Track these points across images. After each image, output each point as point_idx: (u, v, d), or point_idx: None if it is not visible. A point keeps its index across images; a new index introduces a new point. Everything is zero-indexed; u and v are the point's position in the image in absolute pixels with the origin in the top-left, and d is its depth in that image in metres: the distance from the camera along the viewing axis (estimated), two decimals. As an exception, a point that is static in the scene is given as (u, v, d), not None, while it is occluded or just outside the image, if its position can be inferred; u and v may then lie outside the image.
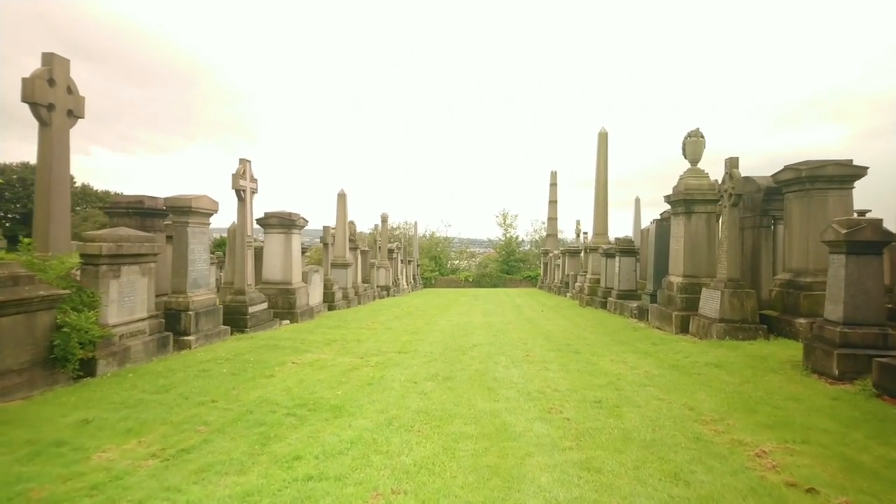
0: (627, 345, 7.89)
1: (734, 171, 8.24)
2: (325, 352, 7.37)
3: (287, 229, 11.55)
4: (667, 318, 9.42)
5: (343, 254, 16.33)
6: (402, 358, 6.82)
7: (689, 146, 9.68)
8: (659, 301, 10.24)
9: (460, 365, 6.30)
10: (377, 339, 8.71)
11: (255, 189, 10.37)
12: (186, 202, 8.08)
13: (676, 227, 9.84)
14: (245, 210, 10.01)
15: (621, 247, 13.44)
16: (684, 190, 9.42)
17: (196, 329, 7.99)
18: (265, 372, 5.92)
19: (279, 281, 11.51)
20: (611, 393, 4.88)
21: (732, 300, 7.99)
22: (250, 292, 10.02)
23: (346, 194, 16.47)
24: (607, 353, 7.19)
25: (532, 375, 5.67)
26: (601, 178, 16.28)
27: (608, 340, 8.42)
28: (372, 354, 7.12)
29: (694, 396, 4.74)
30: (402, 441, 3.51)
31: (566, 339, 8.67)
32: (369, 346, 7.82)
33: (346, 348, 7.68)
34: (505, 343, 8.18)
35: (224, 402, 4.66)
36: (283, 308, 11.30)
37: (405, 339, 8.57)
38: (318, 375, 5.74)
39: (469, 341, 8.36)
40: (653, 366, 6.20)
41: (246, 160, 10.08)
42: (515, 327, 10.49)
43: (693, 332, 8.64)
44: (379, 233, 24.13)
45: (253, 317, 9.74)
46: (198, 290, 8.33)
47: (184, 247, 8.16)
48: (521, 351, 7.38)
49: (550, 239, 32.98)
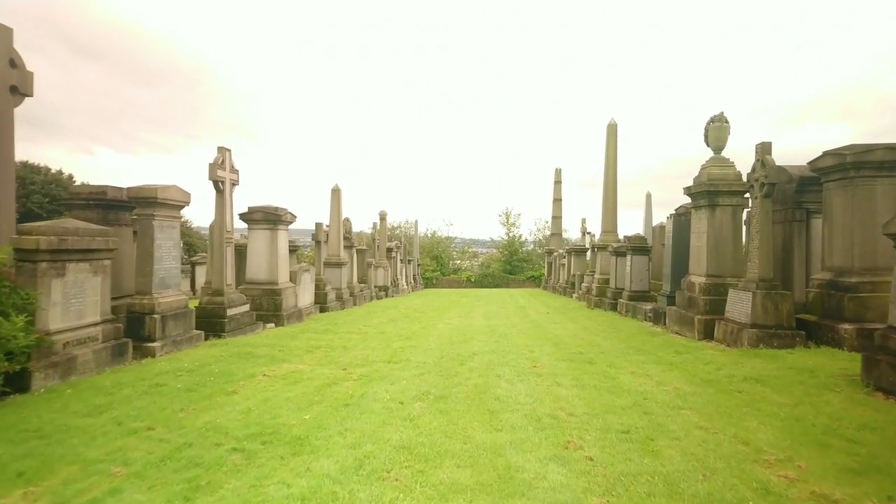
0: (647, 353, 6.98)
1: (767, 158, 7.32)
2: (304, 361, 6.49)
3: (273, 225, 10.67)
4: (688, 323, 8.51)
5: (337, 252, 15.45)
6: (390, 369, 5.93)
7: (713, 132, 8.76)
8: (678, 303, 9.32)
9: (457, 379, 5.40)
10: (366, 345, 7.83)
11: (236, 181, 9.50)
12: (151, 192, 7.21)
13: (698, 222, 8.92)
14: (224, 203, 9.14)
15: (633, 245, 12.53)
16: (707, 180, 8.50)
17: (162, 335, 7.12)
18: (227, 387, 5.04)
19: (264, 281, 10.64)
20: (639, 419, 3.98)
21: (766, 303, 7.07)
22: (229, 293, 9.16)
23: (340, 189, 15.60)
24: (626, 363, 6.28)
25: (541, 393, 4.77)
26: (610, 171, 15.34)
27: (624, 348, 7.52)
28: (357, 365, 6.23)
29: (743, 424, 3.84)
30: (371, 497, 2.62)
31: (577, 345, 7.77)
32: (355, 355, 6.93)
33: (330, 357, 6.80)
34: (508, 351, 7.28)
35: (163, 429, 3.78)
36: (267, 310, 10.43)
37: (397, 346, 7.68)
38: (288, 392, 4.86)
39: (468, 349, 7.47)
40: (682, 380, 5.29)
41: (225, 148, 9.21)
42: (520, 332, 9.60)
43: (719, 338, 7.73)
44: (377, 231, 23.26)
45: (232, 320, 8.87)
46: (165, 291, 7.47)
47: (149, 242, 7.29)
48: (526, 361, 6.48)
49: (554, 238, 32.05)
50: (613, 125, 15.42)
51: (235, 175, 9.48)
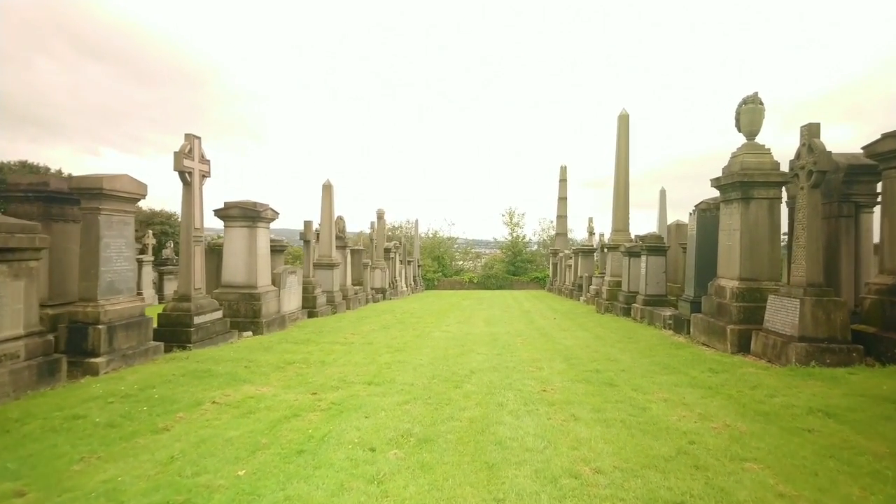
0: (676, 371, 5.91)
1: (815, 142, 6.24)
2: (270, 381, 5.45)
3: (251, 222, 9.65)
4: (718, 333, 7.43)
5: (329, 252, 14.43)
6: (369, 395, 4.89)
7: (745, 115, 7.68)
8: (704, 310, 8.24)
9: (449, 410, 4.35)
10: (349, 359, 6.79)
11: (207, 172, 8.48)
12: (96, 183, 6.20)
13: (728, 218, 7.84)
14: (192, 197, 8.12)
15: (649, 244, 11.44)
16: (740, 170, 7.42)
17: (109, 348, 6.11)
18: (160, 422, 4.01)
19: (241, 284, 9.62)
20: (691, 479, 2.92)
21: (816, 312, 5.99)
22: (198, 298, 8.13)
23: (332, 185, 14.57)
24: (654, 386, 5.22)
25: (555, 434, 3.72)
26: (622, 166, 14.26)
27: (647, 364, 6.45)
28: (331, 387, 5.19)
29: (839, 490, 2.78)
30: None
31: (591, 360, 6.70)
32: (333, 373, 5.89)
33: (302, 376, 5.76)
34: (513, 367, 6.23)
35: (39, 493, 2.75)
36: (245, 317, 9.41)
37: (384, 361, 6.64)
38: (232, 430, 3.82)
39: (466, 364, 6.42)
40: (731, 413, 4.22)
41: (193, 136, 8.19)
42: (525, 341, 8.54)
43: (757, 351, 6.65)
44: (375, 230, 22.23)
45: (200, 329, 7.85)
46: (115, 297, 6.45)
47: (94, 241, 6.28)
48: (534, 382, 5.42)
49: (560, 238, 30.94)
50: (625, 116, 14.34)
51: (206, 166, 8.46)
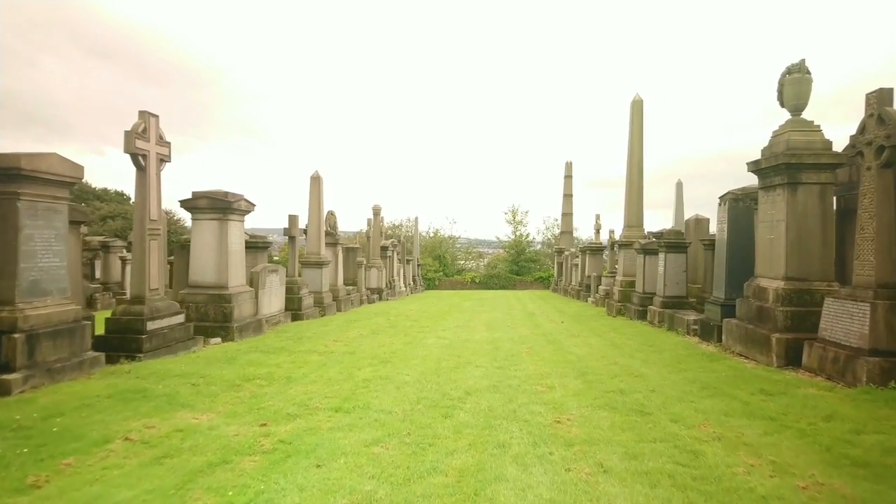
0: (720, 393, 4.79)
1: (887, 111, 5.11)
2: (214, 406, 4.36)
3: (222, 214, 8.56)
4: (758, 342, 6.31)
5: (317, 250, 13.34)
6: (332, 427, 3.79)
7: (790, 87, 6.55)
8: (739, 315, 7.11)
9: (431, 455, 3.25)
10: (322, 373, 5.69)
11: (166, 156, 7.40)
12: (13, 162, 5.12)
13: (770, 207, 6.70)
14: (148, 184, 7.04)
15: (668, 241, 10.31)
16: (786, 150, 6.29)
17: (29, 361, 5.03)
18: (34, 472, 2.93)
19: (210, 284, 8.54)
20: None
21: (890, 319, 4.87)
22: (154, 301, 7.06)
23: (321, 177, 13.49)
24: (697, 415, 4.11)
25: (577, 498, 2.61)
26: (635, 156, 13.13)
27: (680, 381, 5.33)
28: (287, 415, 4.10)
29: None
30: None
31: (612, 376, 5.59)
32: (296, 393, 4.80)
33: (257, 397, 4.67)
34: (517, 386, 5.12)
35: None
36: (215, 321, 8.33)
37: (363, 377, 5.54)
38: (127, 490, 2.74)
39: (461, 381, 5.32)
40: (815, 461, 3.11)
41: (149, 113, 7.11)
42: (531, 350, 7.43)
43: (812, 366, 5.53)
44: (371, 228, 21.14)
45: (154, 336, 6.77)
46: (40, 300, 5.38)
47: (11, 231, 5.20)
48: (544, 408, 4.32)
49: (565, 236, 29.79)
50: (638, 101, 13.20)
51: (165, 148, 7.38)
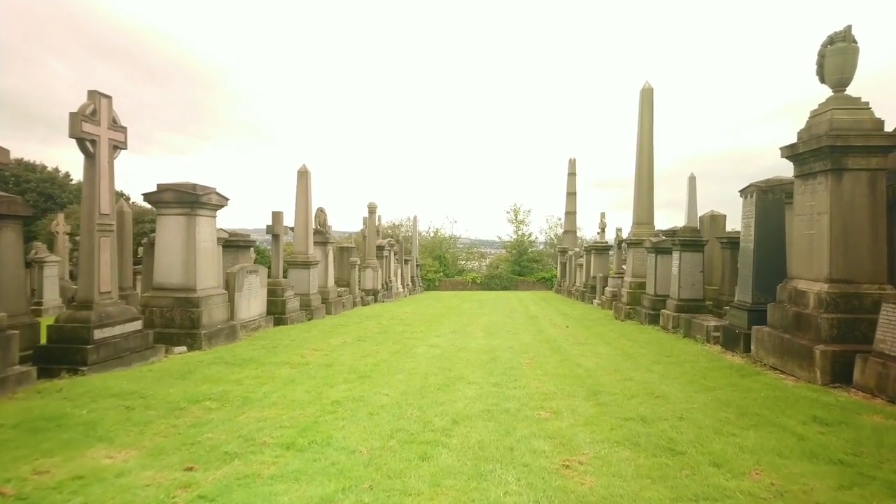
0: (764, 421, 3.91)
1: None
2: (140, 440, 3.51)
3: (190, 209, 7.71)
4: (798, 354, 5.42)
5: (304, 249, 12.49)
6: (275, 475, 2.92)
7: (833, 58, 5.66)
8: (772, 321, 6.22)
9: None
10: (285, 393, 4.83)
11: (122, 143, 6.56)
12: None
13: (809, 198, 5.81)
14: (97, 174, 6.20)
15: (684, 238, 9.41)
16: (829, 131, 5.40)
17: (-70, 381, 4.19)
18: None
19: (177, 286, 7.68)
20: None
21: (972, 330, 3.98)
22: (105, 305, 6.21)
23: (308, 171, 12.63)
24: (743, 455, 3.22)
25: None
26: (645, 148, 12.23)
27: (712, 404, 4.44)
28: (224, 455, 3.23)
29: None
30: None
31: (629, 396, 4.70)
32: (246, 421, 3.94)
33: (196, 427, 3.80)
34: (516, 411, 4.25)
35: None
36: (181, 327, 7.48)
37: (333, 398, 4.67)
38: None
39: (449, 405, 4.44)
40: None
41: (100, 94, 6.28)
42: (533, 361, 6.55)
43: (867, 384, 4.64)
44: (367, 227, 20.29)
45: (103, 346, 5.93)
46: (-52, 307, 4.54)
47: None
48: (549, 445, 3.44)
49: (568, 236, 28.92)
50: (648, 90, 12.30)
51: (120, 134, 6.54)
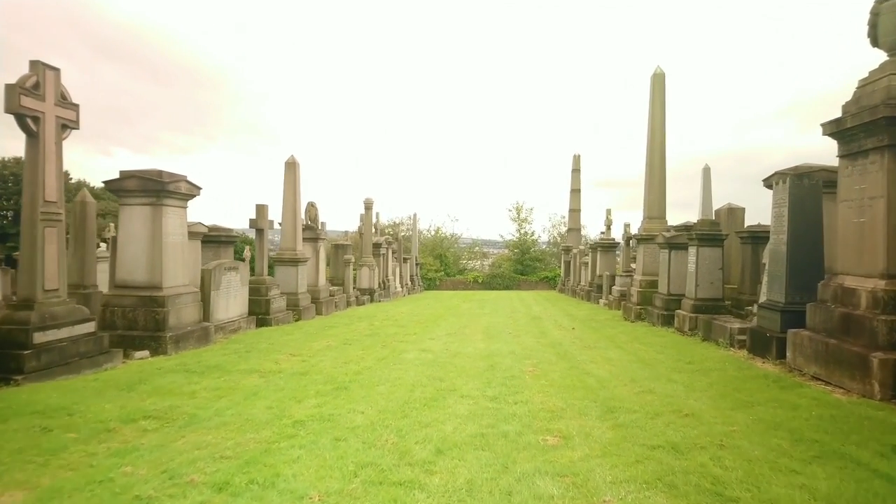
0: (828, 453, 3.12)
1: None
2: (35, 479, 2.74)
3: (156, 198, 6.95)
4: (848, 363, 4.62)
5: (292, 245, 11.73)
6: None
7: (888, 17, 4.85)
8: (812, 323, 5.42)
9: None
10: (240, 410, 4.06)
11: (72, 122, 5.81)
12: None
13: (858, 181, 5.00)
14: (41, 155, 5.45)
15: (702, 232, 8.61)
16: (885, 100, 4.59)
17: None
18: None
19: (141, 284, 6.93)
20: None
21: None
22: (50, 304, 5.46)
23: (297, 163, 11.87)
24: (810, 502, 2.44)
25: None
26: (657, 137, 11.43)
27: (754, 426, 3.65)
28: (131, 501, 2.47)
29: None
30: None
31: (652, 415, 3.92)
32: (180, 449, 3.17)
33: (117, 457, 3.03)
34: (516, 436, 3.46)
35: None
36: (144, 329, 6.73)
37: (297, 418, 3.90)
38: None
39: (435, 427, 3.66)
40: None
41: (46, 65, 5.52)
42: (536, 369, 5.76)
43: (941, 402, 3.84)
44: (363, 224, 19.53)
45: (46, 351, 5.18)
46: None
47: None
48: (559, 486, 2.65)
49: (572, 234, 28.06)
50: (660, 74, 11.50)
51: (71, 112, 5.79)
